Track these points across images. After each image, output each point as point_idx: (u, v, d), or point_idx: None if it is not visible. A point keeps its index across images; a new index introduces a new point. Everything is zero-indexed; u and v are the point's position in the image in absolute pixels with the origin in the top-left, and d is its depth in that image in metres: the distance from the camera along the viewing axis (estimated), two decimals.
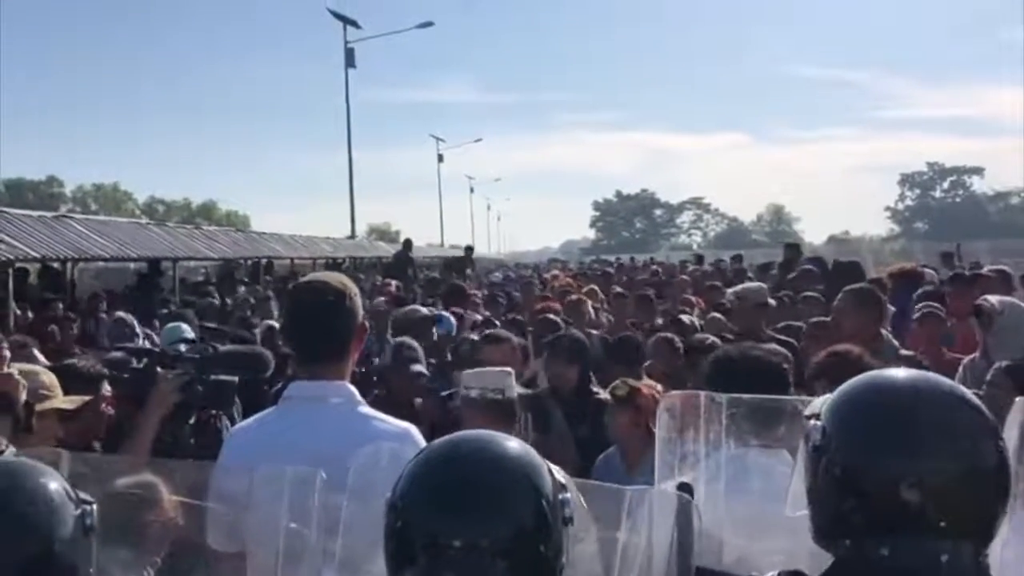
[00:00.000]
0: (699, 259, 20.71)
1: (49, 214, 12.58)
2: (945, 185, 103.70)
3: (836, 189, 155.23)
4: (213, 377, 3.06)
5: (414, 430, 2.34)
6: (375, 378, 4.79)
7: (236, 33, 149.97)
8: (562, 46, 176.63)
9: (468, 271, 17.51)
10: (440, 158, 54.50)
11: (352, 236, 32.36)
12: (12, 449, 2.13)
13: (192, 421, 3.24)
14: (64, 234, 10.96)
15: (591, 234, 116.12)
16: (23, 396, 2.29)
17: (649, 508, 1.75)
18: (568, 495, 1.46)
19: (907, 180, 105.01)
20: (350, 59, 30.86)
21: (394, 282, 11.73)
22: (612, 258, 30.81)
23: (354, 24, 30.55)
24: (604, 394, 4.51)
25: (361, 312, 2.45)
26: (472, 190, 71.00)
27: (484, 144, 61.67)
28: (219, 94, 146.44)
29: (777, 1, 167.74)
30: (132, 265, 14.21)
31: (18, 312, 8.54)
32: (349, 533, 1.83)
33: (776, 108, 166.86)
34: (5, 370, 2.24)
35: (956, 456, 1.31)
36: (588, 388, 4.75)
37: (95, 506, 1.40)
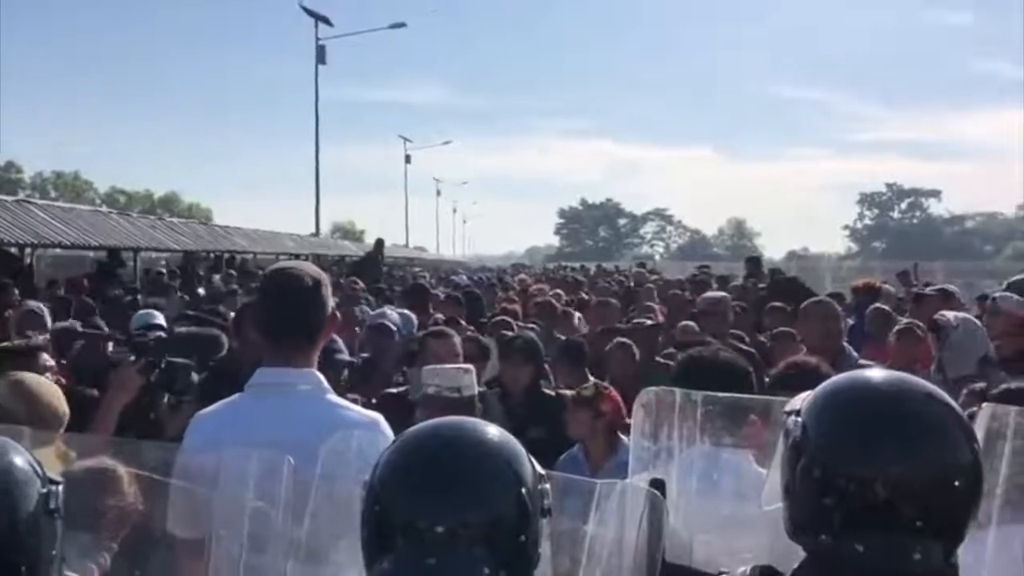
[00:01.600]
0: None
1: (9, 198, 12.33)
2: (903, 206, 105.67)
3: (797, 206, 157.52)
4: (168, 359, 3.04)
5: (382, 420, 2.33)
6: None
7: (205, 25, 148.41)
8: (533, 52, 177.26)
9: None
10: (407, 159, 54.39)
11: (316, 233, 32.14)
12: None
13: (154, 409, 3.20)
14: (24, 219, 10.76)
15: (555, 241, 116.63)
16: None
17: (618, 502, 1.75)
18: (547, 486, 1.47)
19: (866, 200, 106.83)
20: (321, 56, 30.69)
21: (360, 281, 11.66)
22: (576, 265, 30.93)
23: (326, 21, 30.42)
24: (556, 393, 4.57)
25: (331, 302, 2.45)
26: (439, 192, 70.89)
27: (452, 147, 61.53)
28: (185, 86, 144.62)
29: (748, 21, 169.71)
30: (92, 254, 13.98)
31: None
32: (316, 520, 1.82)
33: (742, 125, 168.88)
34: None
35: (933, 457, 1.32)
36: (539, 388, 4.79)
37: (62, 487, 1.35)
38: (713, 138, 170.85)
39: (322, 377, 2.36)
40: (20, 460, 1.34)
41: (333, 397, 2.36)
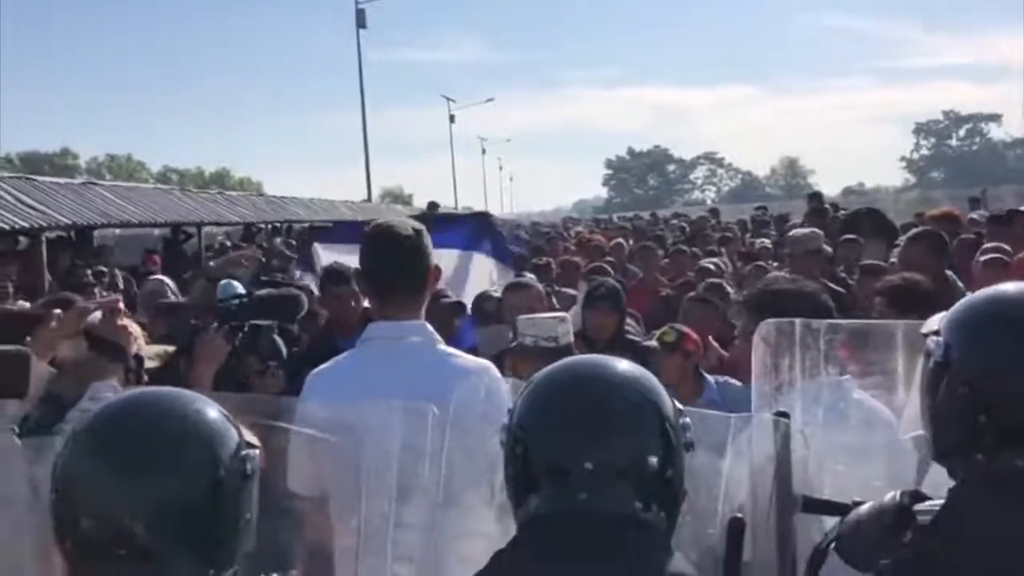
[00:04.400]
0: (714, 213, 20.52)
1: (76, 181, 12.62)
2: (961, 133, 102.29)
3: (850, 140, 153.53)
4: (251, 323, 3.07)
5: (492, 366, 2.37)
6: None
7: None
8: (570, 2, 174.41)
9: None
10: (452, 118, 54.24)
11: (368, 199, 32.34)
12: None
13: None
14: (90, 200, 11.01)
15: (604, 192, 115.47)
16: (134, 348, 2.33)
17: (751, 435, 1.76)
18: (688, 420, 1.47)
19: (922, 129, 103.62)
20: (361, 20, 30.65)
21: None
22: (629, 215, 30.56)
23: None
24: (647, 341, 4.52)
25: (432, 254, 2.49)
26: (484, 151, 70.62)
27: (494, 104, 61.09)
28: (228, 61, 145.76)
29: None
30: (156, 231, 14.26)
31: (50, 279, 8.58)
32: (451, 467, 1.85)
33: (787, 59, 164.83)
34: (120, 322, 2.27)
35: None
36: (624, 336, 4.75)
37: (258, 452, 1.37)
38: (757, 75, 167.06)
39: (431, 328, 2.41)
40: (216, 416, 1.35)
41: (443, 346, 2.42)
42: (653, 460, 1.40)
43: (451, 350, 2.44)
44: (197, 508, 1.28)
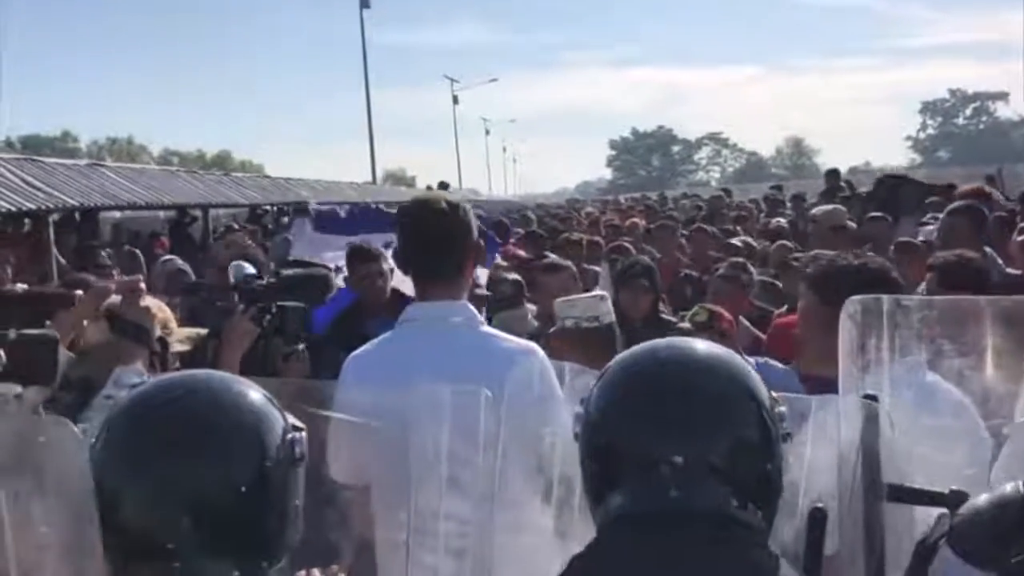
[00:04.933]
0: (728, 193, 20.40)
1: (82, 162, 12.47)
2: (968, 112, 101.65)
3: (855, 120, 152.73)
4: (278, 304, 2.96)
5: (539, 349, 2.24)
6: None
7: None
8: None
9: None
10: (455, 99, 53.98)
11: (373, 181, 32.16)
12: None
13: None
14: (97, 181, 10.86)
15: (607, 174, 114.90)
16: (158, 331, 2.21)
17: (834, 418, 1.62)
18: (784, 409, 1.33)
19: (928, 108, 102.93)
20: (364, 0, 30.41)
21: None
22: (636, 195, 30.45)
23: None
24: (680, 322, 4.39)
25: (476, 229, 2.35)
26: (488, 132, 70.27)
27: (498, 85, 60.59)
28: (228, 43, 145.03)
29: None
30: (162, 214, 14.12)
31: (62, 261, 8.44)
32: (506, 454, 1.71)
33: (791, 38, 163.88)
34: (142, 303, 2.14)
35: None
36: (659, 315, 4.64)
37: (304, 434, 1.28)
38: (761, 55, 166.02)
39: (474, 309, 2.30)
40: (259, 398, 1.26)
41: (487, 328, 2.31)
42: (751, 452, 1.27)
43: (495, 331, 2.33)
44: (247, 496, 1.18)
